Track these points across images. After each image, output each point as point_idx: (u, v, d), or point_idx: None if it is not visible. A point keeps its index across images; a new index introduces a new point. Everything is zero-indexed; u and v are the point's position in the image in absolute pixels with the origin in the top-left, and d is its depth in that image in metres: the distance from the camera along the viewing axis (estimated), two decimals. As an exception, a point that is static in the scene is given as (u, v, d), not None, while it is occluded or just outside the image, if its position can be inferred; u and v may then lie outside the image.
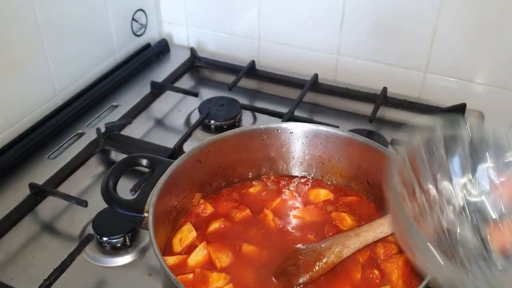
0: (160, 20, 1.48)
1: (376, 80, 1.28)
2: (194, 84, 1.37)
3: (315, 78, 1.28)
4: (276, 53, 1.38)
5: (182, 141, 1.08)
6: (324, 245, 0.74)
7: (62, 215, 0.96)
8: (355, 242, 0.72)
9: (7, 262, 0.86)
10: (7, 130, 1.07)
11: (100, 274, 0.85)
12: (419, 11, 1.17)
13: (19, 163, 1.05)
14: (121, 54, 1.36)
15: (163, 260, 0.64)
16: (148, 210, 0.70)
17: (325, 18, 1.27)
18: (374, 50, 1.27)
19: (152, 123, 1.21)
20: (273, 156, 0.89)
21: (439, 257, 0.50)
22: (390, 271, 0.73)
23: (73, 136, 1.13)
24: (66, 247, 0.87)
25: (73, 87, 1.23)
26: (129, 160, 0.81)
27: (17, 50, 1.06)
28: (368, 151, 0.82)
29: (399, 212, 0.54)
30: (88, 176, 1.04)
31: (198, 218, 0.82)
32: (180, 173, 0.79)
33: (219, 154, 0.84)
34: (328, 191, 0.88)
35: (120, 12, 1.32)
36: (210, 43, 1.46)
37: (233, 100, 1.24)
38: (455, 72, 1.21)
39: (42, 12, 1.09)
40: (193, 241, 0.78)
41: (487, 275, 0.52)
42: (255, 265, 0.75)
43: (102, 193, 0.75)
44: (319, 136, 0.86)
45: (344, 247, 0.72)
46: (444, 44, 1.19)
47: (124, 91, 1.29)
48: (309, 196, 0.88)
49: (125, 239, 0.89)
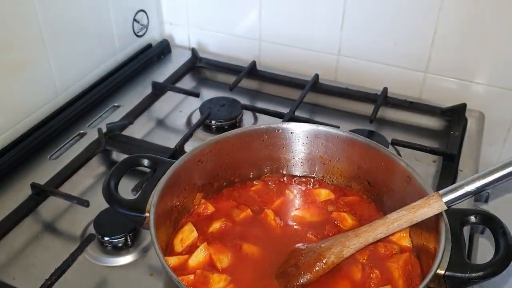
0: (161, 21, 1.48)
1: (376, 81, 1.28)
2: (195, 84, 1.37)
3: (316, 78, 1.28)
4: (277, 53, 1.38)
5: (183, 142, 1.08)
6: (324, 246, 0.74)
7: (63, 215, 0.96)
8: (355, 243, 0.72)
9: (9, 262, 0.87)
10: (9, 130, 1.08)
11: (101, 274, 0.85)
12: (419, 12, 1.18)
13: (21, 163, 1.05)
14: (123, 55, 1.36)
15: (164, 260, 0.65)
16: (150, 210, 0.71)
17: (325, 18, 1.28)
18: (374, 50, 1.27)
19: (153, 123, 1.21)
20: (274, 156, 0.89)
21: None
22: (390, 270, 0.73)
23: (74, 136, 1.13)
24: (67, 247, 0.87)
25: (75, 88, 1.23)
26: (131, 160, 0.81)
27: (19, 51, 1.07)
28: (369, 151, 0.82)
29: None
30: (89, 176, 1.05)
31: (199, 218, 0.83)
32: (181, 173, 0.79)
33: (220, 154, 0.84)
34: (329, 191, 0.88)
35: (122, 12, 1.32)
36: (211, 43, 1.46)
37: (234, 100, 1.24)
38: (456, 72, 1.22)
39: (44, 13, 1.09)
40: (194, 241, 0.78)
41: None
42: (256, 265, 0.75)
43: (104, 193, 0.75)
44: (319, 136, 0.87)
45: (344, 247, 0.72)
46: (445, 44, 1.19)
47: (125, 91, 1.29)
48: (310, 196, 0.88)
49: (127, 239, 0.89)
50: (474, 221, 0.72)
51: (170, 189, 0.76)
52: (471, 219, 0.71)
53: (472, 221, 0.72)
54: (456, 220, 0.70)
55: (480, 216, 0.72)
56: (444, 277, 0.65)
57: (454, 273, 0.65)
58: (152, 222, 0.68)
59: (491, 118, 1.21)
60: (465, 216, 0.71)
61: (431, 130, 1.20)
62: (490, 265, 0.64)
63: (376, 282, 0.72)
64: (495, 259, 0.65)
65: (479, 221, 0.72)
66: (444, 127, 1.19)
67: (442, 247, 0.65)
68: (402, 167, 0.77)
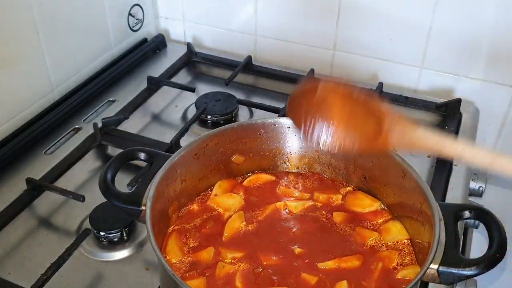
0: (156, 15, 1.48)
1: (371, 75, 1.29)
2: (191, 79, 1.37)
3: (311, 73, 1.28)
4: (272, 48, 1.38)
5: (179, 136, 1.08)
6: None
7: (59, 210, 0.96)
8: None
9: (4, 257, 0.86)
10: (4, 125, 1.07)
11: (97, 268, 0.85)
12: (415, 7, 1.18)
13: (16, 158, 1.05)
14: (118, 49, 1.36)
15: (160, 254, 0.65)
16: (146, 203, 0.71)
17: (321, 13, 1.27)
18: (370, 45, 1.27)
19: (149, 118, 1.21)
20: (270, 151, 0.90)
21: None
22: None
23: (69, 131, 1.13)
24: (63, 242, 0.87)
25: (70, 82, 1.23)
26: (127, 154, 0.81)
27: (13, 45, 1.06)
28: (364, 145, 0.83)
29: None
30: (85, 171, 1.04)
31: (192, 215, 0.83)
32: (178, 166, 0.79)
33: (216, 148, 0.84)
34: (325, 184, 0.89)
35: (117, 7, 1.32)
36: (206, 38, 1.46)
37: (230, 95, 1.24)
38: (451, 67, 1.22)
39: (38, 6, 1.08)
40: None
41: None
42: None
43: (100, 186, 0.75)
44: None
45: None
46: (440, 39, 1.19)
47: (120, 86, 1.29)
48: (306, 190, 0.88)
49: (122, 233, 0.89)
50: (468, 216, 0.72)
51: (167, 183, 0.77)
52: (465, 214, 0.72)
53: (466, 216, 0.72)
54: (451, 215, 0.71)
55: (474, 211, 0.72)
56: (438, 272, 0.65)
57: (448, 268, 0.65)
58: (148, 215, 0.68)
59: (485, 113, 1.22)
60: (460, 211, 0.72)
61: (426, 125, 1.20)
62: (483, 260, 0.65)
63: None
64: (489, 254, 0.66)
65: (474, 216, 0.72)
66: (439, 122, 1.19)
67: (436, 242, 0.65)
68: (397, 162, 0.78)
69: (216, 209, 0.83)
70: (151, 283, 0.82)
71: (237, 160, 0.88)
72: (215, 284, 0.71)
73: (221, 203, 0.84)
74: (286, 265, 0.74)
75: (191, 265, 0.74)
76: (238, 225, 0.80)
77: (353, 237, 0.79)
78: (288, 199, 0.86)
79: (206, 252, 0.75)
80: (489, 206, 0.76)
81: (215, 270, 0.73)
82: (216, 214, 0.83)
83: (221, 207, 0.83)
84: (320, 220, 0.82)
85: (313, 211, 0.84)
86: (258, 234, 0.79)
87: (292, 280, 0.72)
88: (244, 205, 0.84)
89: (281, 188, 0.88)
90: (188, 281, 0.71)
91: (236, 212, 0.82)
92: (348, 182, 0.88)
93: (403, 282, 0.71)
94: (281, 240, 0.78)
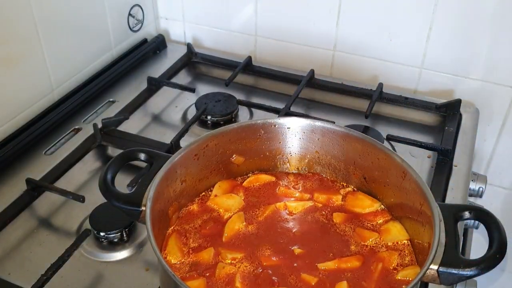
0: (156, 16, 1.48)
1: (371, 76, 1.29)
2: (191, 79, 1.37)
3: (312, 74, 1.28)
4: (272, 49, 1.38)
5: (179, 137, 1.08)
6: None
7: (59, 210, 0.96)
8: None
9: (4, 258, 0.86)
10: (4, 125, 1.07)
11: (97, 269, 0.85)
12: (415, 7, 1.18)
13: (16, 159, 1.05)
14: (118, 50, 1.36)
15: (160, 254, 0.65)
16: (146, 203, 0.71)
17: (321, 14, 1.28)
18: (370, 46, 1.27)
19: (149, 118, 1.21)
20: (270, 151, 0.90)
21: None
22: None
23: (69, 131, 1.13)
24: (63, 243, 0.87)
25: (70, 83, 1.23)
26: (128, 154, 0.81)
27: (13, 45, 1.06)
28: (364, 146, 0.83)
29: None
30: (85, 171, 1.05)
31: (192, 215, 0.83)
32: (178, 167, 0.79)
33: (216, 149, 0.84)
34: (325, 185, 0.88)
35: (117, 7, 1.32)
36: (206, 39, 1.46)
37: (230, 96, 1.24)
38: (451, 68, 1.22)
39: (39, 7, 1.08)
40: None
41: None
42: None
43: (100, 186, 0.75)
44: (316, 131, 0.87)
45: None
46: (440, 40, 1.19)
47: (120, 86, 1.29)
48: (306, 191, 0.88)
49: (122, 234, 0.89)
50: (468, 216, 0.72)
51: (167, 183, 0.77)
52: (465, 215, 0.72)
53: (466, 216, 0.72)
54: (450, 216, 0.70)
55: (474, 212, 0.72)
56: (438, 273, 0.65)
57: (448, 268, 0.65)
58: (148, 216, 0.68)
59: (485, 113, 1.22)
60: (460, 212, 0.72)
61: (426, 125, 1.20)
62: (483, 261, 0.65)
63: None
64: (489, 254, 0.65)
65: (473, 216, 0.72)
66: (439, 123, 1.19)
67: (436, 243, 0.65)
68: (397, 163, 0.78)
69: (216, 210, 0.83)
70: (151, 283, 0.82)
71: (237, 160, 0.88)
72: (215, 285, 0.71)
73: (221, 204, 0.84)
74: (286, 266, 0.74)
75: (191, 266, 0.74)
76: (238, 225, 0.80)
77: (353, 238, 0.79)
78: (288, 199, 0.86)
79: (206, 253, 0.76)
80: (489, 207, 0.76)
81: (215, 270, 0.73)
82: (216, 214, 0.83)
83: (221, 208, 0.83)
84: (320, 220, 0.82)
85: (313, 211, 0.84)
86: (258, 235, 0.79)
87: (292, 280, 0.72)
88: (244, 206, 0.84)
89: (281, 189, 0.88)
90: (188, 281, 0.71)
91: (236, 213, 0.82)
92: (348, 183, 0.88)
93: (403, 282, 0.71)
94: (281, 241, 0.78)
